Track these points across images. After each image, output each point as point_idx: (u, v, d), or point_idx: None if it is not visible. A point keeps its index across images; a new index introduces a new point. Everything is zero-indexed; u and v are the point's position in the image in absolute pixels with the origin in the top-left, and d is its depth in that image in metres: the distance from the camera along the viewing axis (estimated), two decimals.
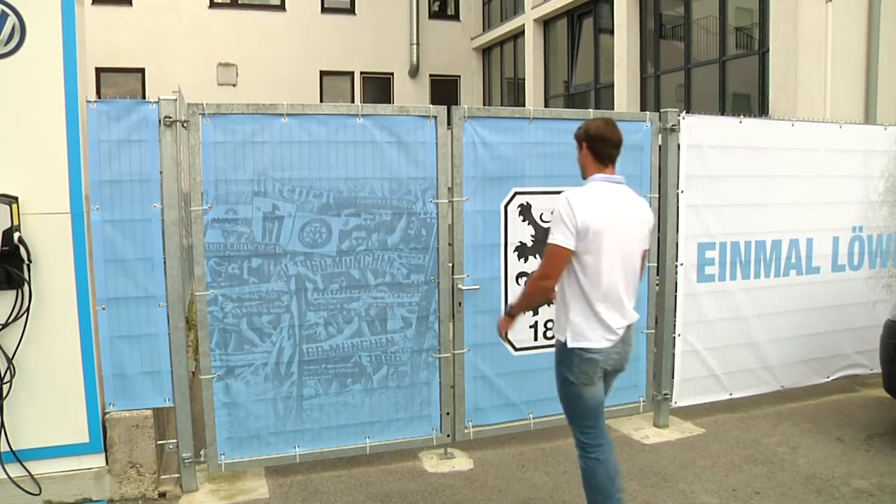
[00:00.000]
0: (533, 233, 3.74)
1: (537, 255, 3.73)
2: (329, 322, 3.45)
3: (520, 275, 3.74)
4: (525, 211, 3.68)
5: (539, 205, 3.72)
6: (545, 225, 3.72)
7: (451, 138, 3.54)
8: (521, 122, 3.63)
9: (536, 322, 3.85)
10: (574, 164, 3.55)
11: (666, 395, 4.12)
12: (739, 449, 3.85)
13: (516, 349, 3.78)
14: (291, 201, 3.32)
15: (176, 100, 3.10)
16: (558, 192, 3.51)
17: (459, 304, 3.60)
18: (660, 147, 3.95)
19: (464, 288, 3.57)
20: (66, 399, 3.07)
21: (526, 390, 3.77)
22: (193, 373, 4.09)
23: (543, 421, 3.84)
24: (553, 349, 3.54)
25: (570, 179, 3.59)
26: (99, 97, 3.14)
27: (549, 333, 3.84)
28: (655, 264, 4.02)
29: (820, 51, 6.83)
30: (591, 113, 3.78)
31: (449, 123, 3.50)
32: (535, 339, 3.85)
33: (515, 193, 3.69)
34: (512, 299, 3.30)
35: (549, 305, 3.75)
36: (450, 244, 3.58)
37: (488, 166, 3.58)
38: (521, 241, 3.71)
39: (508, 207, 3.67)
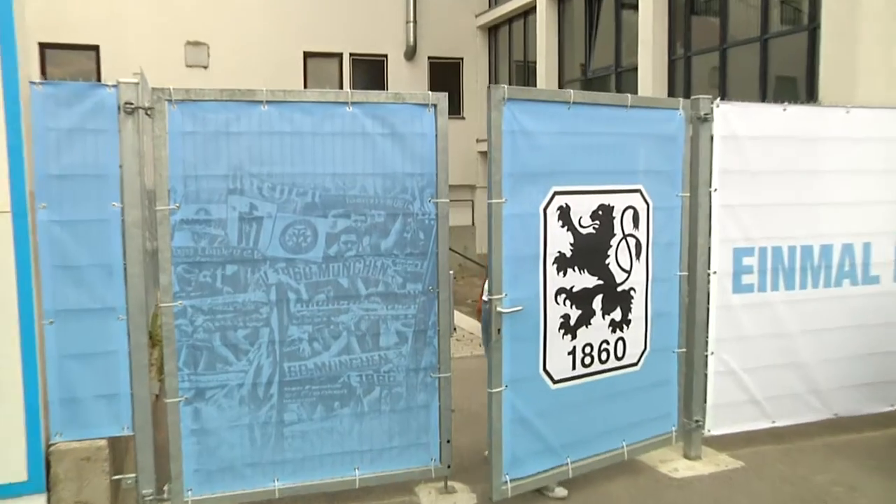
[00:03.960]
0: (572, 240, 3.78)
1: (575, 267, 3.79)
2: (314, 337, 3.50)
3: (558, 291, 3.78)
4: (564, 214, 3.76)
5: (577, 206, 3.79)
6: (584, 231, 3.78)
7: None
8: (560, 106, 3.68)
9: (574, 347, 3.83)
10: (614, 160, 3.81)
11: (698, 422, 4.15)
12: (785, 487, 3.87)
13: (555, 381, 3.76)
14: (272, 200, 3.36)
15: (138, 83, 3.12)
16: (594, 192, 3.75)
17: (499, 330, 3.59)
18: (690, 139, 4.01)
19: (502, 310, 3.56)
20: (1, 430, 3.03)
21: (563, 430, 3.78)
22: (157, 396, 4.11)
23: (581, 465, 3.86)
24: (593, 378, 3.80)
25: (606, 175, 3.80)
26: (44, 78, 3.14)
27: (587, 359, 3.86)
28: (686, 273, 4.07)
29: (883, 24, 6.71)
30: (629, 99, 3.85)
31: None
32: (574, 366, 3.85)
33: (555, 193, 3.73)
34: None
35: (586, 327, 3.79)
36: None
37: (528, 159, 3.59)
38: (559, 252, 3.74)
39: (547, 210, 3.71)
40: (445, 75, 16.30)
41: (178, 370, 3.31)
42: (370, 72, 15.89)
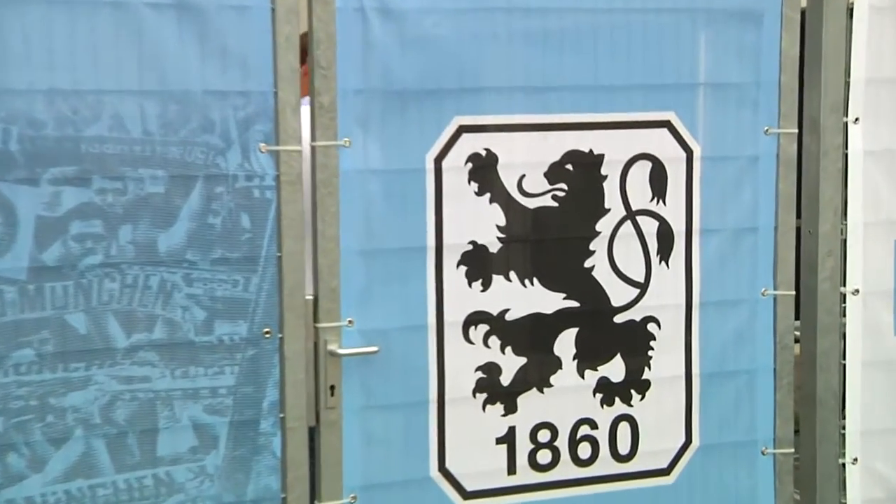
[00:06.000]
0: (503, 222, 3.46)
1: (511, 274, 3.38)
2: (10, 443, 2.96)
3: (473, 319, 3.39)
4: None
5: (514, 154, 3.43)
6: (531, 203, 3.40)
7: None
8: None
9: (513, 430, 3.36)
10: (600, 63, 3.47)
11: None
12: None
13: (467, 495, 3.40)
14: None
15: None
16: (554, 126, 3.47)
17: (332, 388, 3.22)
18: (803, 14, 3.55)
19: (343, 352, 3.26)
20: None
21: None
22: None
23: None
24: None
25: (585, 93, 3.46)
26: None
27: (542, 456, 3.43)
28: (788, 292, 3.58)
29: None
30: None
31: None
32: (512, 468, 3.43)
33: (460, 129, 3.35)
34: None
35: (540, 392, 3.47)
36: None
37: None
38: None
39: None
40: None
41: None
42: None
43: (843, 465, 3.59)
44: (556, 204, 3.37)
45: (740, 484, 3.60)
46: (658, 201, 3.45)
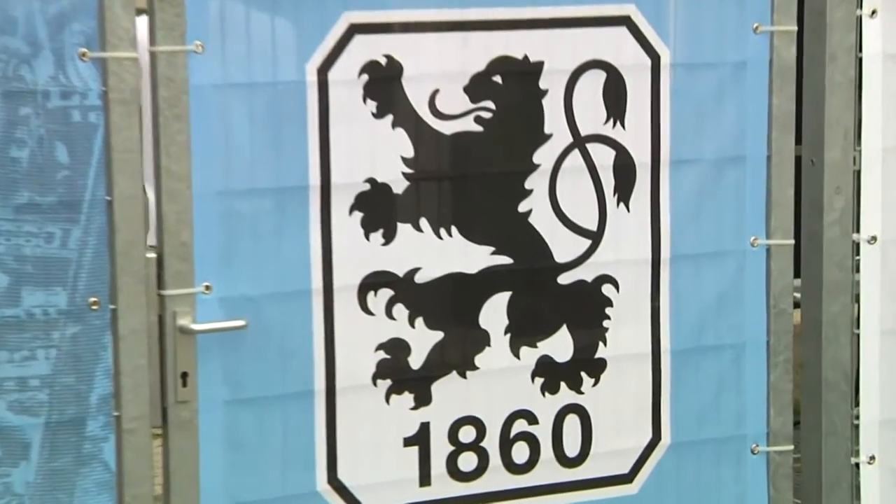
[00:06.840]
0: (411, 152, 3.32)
1: (422, 222, 3.25)
2: None
3: (371, 282, 3.26)
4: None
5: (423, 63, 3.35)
6: (446, 128, 3.22)
7: None
8: None
9: (427, 427, 3.25)
10: None
11: None
12: None
13: None
14: None
15: None
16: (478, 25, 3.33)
17: (185, 376, 3.00)
18: None
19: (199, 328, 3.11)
20: None
21: None
22: None
23: None
24: None
25: None
26: None
27: (465, 462, 3.30)
28: (790, 241, 3.45)
29: None
30: None
31: None
32: (425, 478, 3.29)
33: (351, 29, 3.18)
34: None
35: (461, 376, 3.34)
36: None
37: None
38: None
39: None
40: None
41: None
42: None
43: (857, 465, 3.52)
44: (480, 128, 3.24)
45: (724, 491, 3.55)
46: (615, 124, 3.34)
